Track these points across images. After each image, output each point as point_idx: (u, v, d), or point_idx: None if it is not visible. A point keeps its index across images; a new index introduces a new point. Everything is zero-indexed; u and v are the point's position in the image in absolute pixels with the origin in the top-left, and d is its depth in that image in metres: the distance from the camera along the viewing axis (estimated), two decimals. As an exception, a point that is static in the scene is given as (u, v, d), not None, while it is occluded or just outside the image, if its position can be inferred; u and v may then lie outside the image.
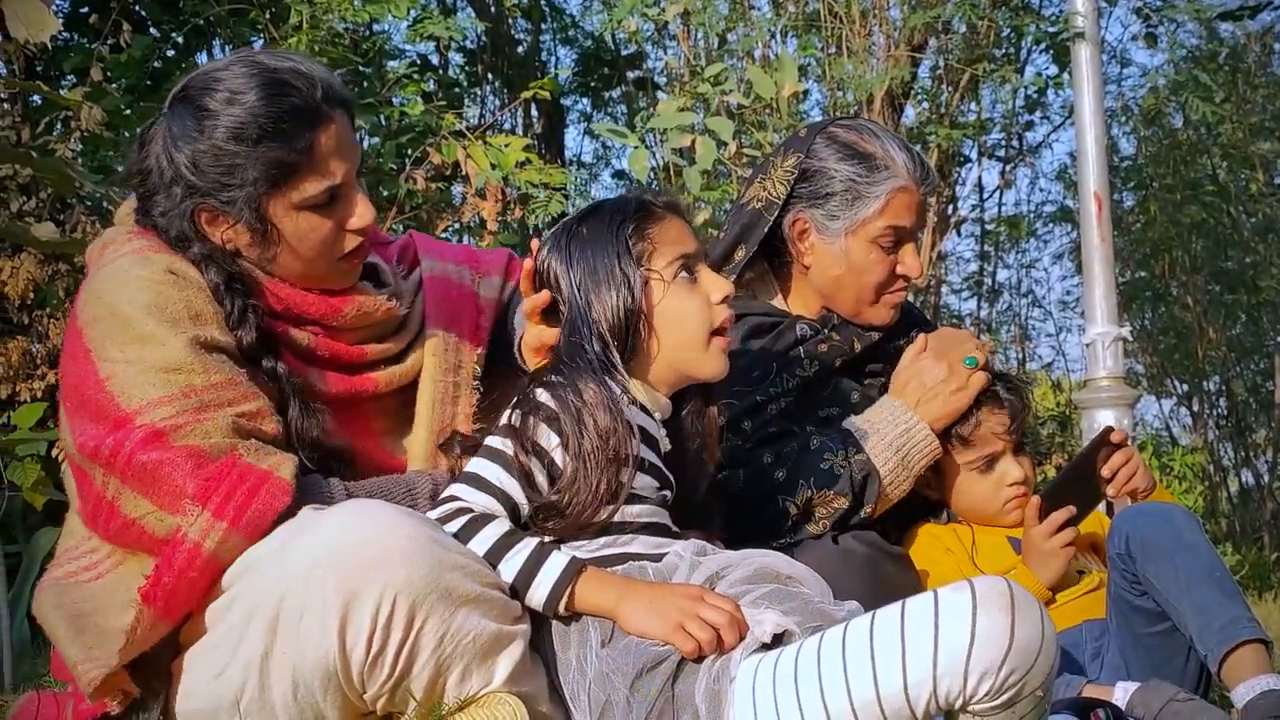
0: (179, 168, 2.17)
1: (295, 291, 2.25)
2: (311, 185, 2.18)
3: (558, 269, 2.22)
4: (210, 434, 2.05)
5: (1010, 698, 1.89)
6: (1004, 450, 2.80)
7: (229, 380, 2.11)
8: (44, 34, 3.60)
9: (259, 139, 2.13)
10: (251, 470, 2.04)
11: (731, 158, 5.91)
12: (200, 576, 2.02)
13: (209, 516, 2.01)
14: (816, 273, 2.84)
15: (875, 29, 6.74)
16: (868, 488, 2.65)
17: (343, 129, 2.21)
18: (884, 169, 2.76)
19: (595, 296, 2.18)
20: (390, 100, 6.27)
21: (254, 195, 2.16)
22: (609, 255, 2.19)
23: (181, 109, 2.19)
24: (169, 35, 6.46)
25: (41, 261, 5.23)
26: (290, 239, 2.21)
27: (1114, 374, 4.97)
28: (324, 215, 2.21)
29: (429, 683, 1.98)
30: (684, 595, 2.03)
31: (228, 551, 2.02)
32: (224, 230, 2.20)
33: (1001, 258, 9.51)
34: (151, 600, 2.01)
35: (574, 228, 2.24)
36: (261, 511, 2.02)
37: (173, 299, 2.12)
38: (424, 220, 6.12)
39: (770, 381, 2.75)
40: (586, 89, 9.18)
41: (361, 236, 2.26)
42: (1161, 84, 7.95)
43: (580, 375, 2.13)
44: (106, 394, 2.07)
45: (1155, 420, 9.05)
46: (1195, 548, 2.52)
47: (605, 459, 2.08)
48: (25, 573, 4.69)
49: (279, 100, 2.15)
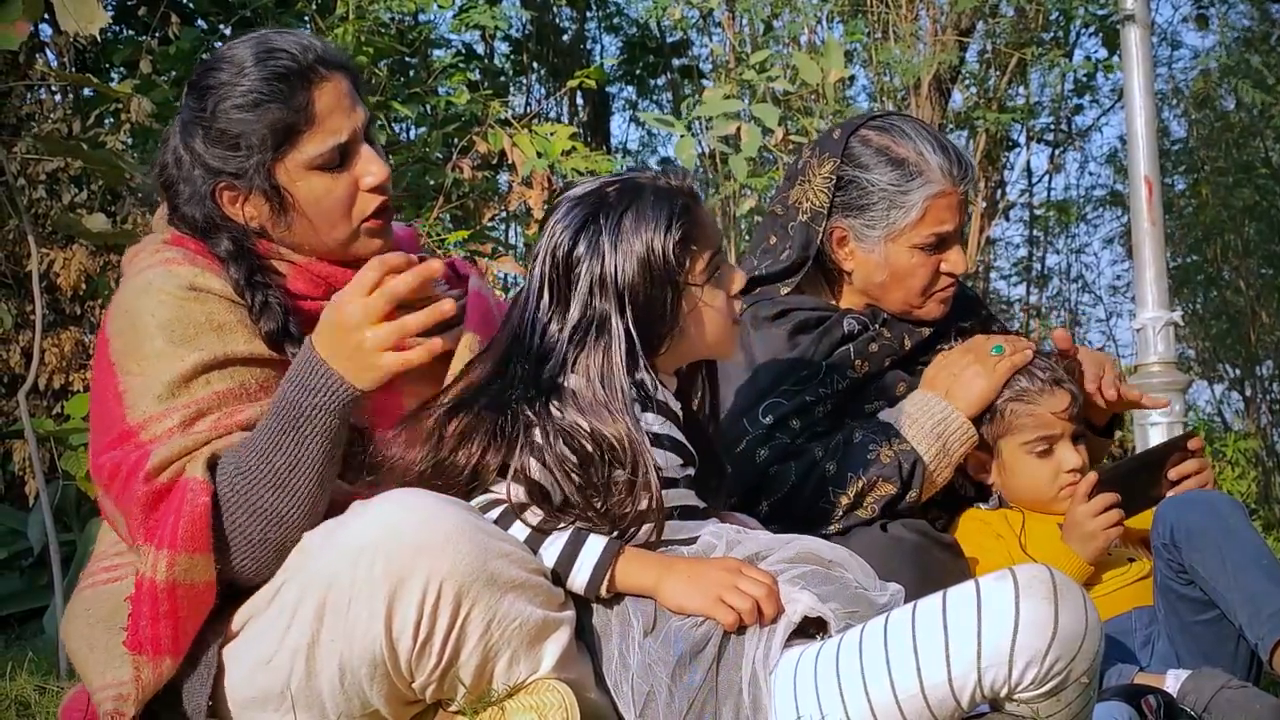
0: (194, 150, 2.21)
1: (333, 269, 2.26)
2: (316, 143, 2.20)
3: (581, 251, 2.10)
4: (170, 460, 2.05)
5: (1056, 685, 1.88)
6: (1062, 435, 2.76)
7: (229, 390, 2.12)
8: (93, 27, 3.63)
9: (258, 103, 2.17)
10: (185, 485, 2.04)
11: (778, 144, 5.89)
12: (171, 608, 2.03)
13: (153, 550, 2.03)
14: (860, 278, 2.82)
15: (922, 13, 6.70)
16: (915, 473, 2.64)
17: (343, 87, 2.22)
18: (918, 174, 2.71)
19: (636, 288, 2.08)
20: (436, 90, 6.29)
21: (262, 161, 2.18)
22: (658, 251, 2.09)
23: (189, 97, 2.24)
24: (216, 27, 6.50)
25: (93, 253, 5.29)
26: (306, 203, 2.22)
27: (1165, 359, 4.93)
28: (336, 174, 2.22)
29: (477, 670, 1.99)
30: (722, 568, 2.04)
31: (183, 571, 2.02)
32: (244, 206, 2.22)
33: (1051, 243, 9.45)
34: (139, 648, 2.04)
35: (615, 212, 2.10)
36: (190, 520, 2.02)
37: (194, 314, 2.14)
38: (470, 209, 6.13)
39: (819, 381, 2.73)
40: (632, 77, 9.18)
41: (381, 195, 2.26)
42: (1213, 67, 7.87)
43: (611, 399, 2.05)
44: (122, 406, 2.12)
45: (1207, 406, 8.97)
46: (1241, 535, 2.50)
47: (625, 498, 2.05)
48: (79, 561, 4.75)
49: (271, 65, 2.18)
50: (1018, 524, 2.77)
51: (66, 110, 5.82)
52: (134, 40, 6.10)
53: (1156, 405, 3.07)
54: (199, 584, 2.04)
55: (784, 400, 2.69)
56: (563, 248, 2.10)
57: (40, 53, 5.86)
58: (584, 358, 2.07)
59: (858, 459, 2.63)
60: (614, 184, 2.15)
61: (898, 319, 2.83)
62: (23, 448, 4.93)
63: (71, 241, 5.26)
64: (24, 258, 5.26)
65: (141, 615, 2.04)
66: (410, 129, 6.81)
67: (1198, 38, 11.79)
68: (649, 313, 2.09)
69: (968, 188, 2.77)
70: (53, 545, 3.74)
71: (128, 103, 5.11)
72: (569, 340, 2.08)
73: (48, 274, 5.21)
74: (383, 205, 2.27)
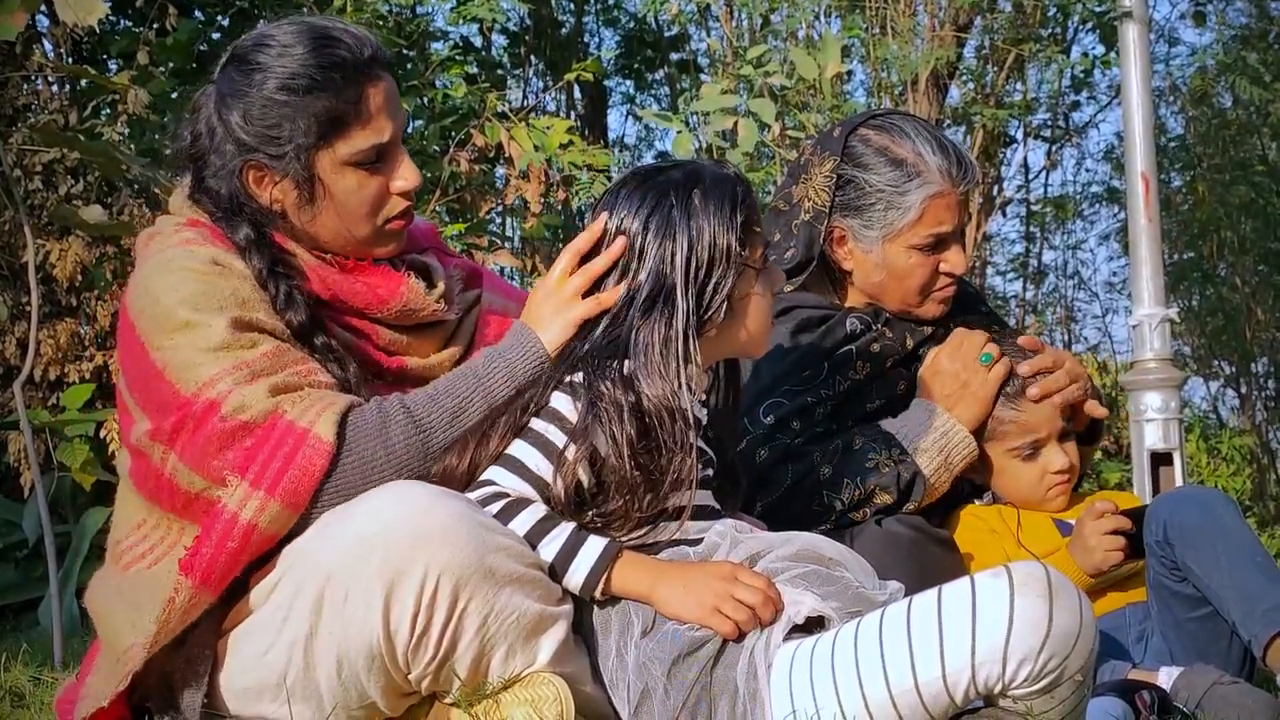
0: (230, 124, 2.18)
1: (343, 278, 2.25)
2: (360, 139, 2.19)
3: (653, 229, 2.13)
4: (254, 402, 2.05)
5: (1050, 682, 1.88)
6: (1048, 437, 2.77)
7: (276, 349, 2.11)
8: (92, 18, 3.63)
9: (309, 89, 2.15)
10: (291, 430, 2.04)
11: (774, 140, 5.89)
12: (240, 547, 2.03)
13: (246, 486, 2.03)
14: (859, 277, 2.82)
15: (920, 8, 6.69)
16: (914, 486, 2.64)
17: (391, 89, 2.22)
18: (917, 175, 2.70)
19: (702, 265, 2.11)
20: (434, 82, 6.28)
21: (303, 147, 2.17)
22: (724, 231, 2.12)
23: (231, 69, 2.21)
24: (214, 19, 6.49)
25: (89, 244, 5.29)
26: (337, 196, 2.21)
27: (1161, 355, 4.93)
28: (371, 173, 2.22)
29: (473, 663, 1.99)
30: (718, 576, 2.03)
31: (269, 520, 2.03)
32: (271, 189, 2.21)
33: (1047, 239, 9.44)
34: (190, 570, 2.04)
35: (684, 191, 2.14)
36: (299, 475, 2.03)
37: (219, 287, 2.12)
38: (468, 202, 6.13)
39: (821, 382, 2.73)
40: (629, 71, 9.17)
41: (407, 200, 2.26)
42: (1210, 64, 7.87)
43: (656, 380, 2.07)
44: (167, 382, 2.09)
45: (1202, 402, 8.97)
46: (1235, 532, 2.51)
47: (658, 483, 2.06)
48: (74, 551, 4.76)
49: (328, 53, 2.17)
50: (1012, 519, 2.77)
51: (63, 101, 5.81)
52: (131, 32, 6.08)
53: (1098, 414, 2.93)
54: (274, 534, 2.05)
55: (785, 400, 2.69)
56: (634, 226, 2.14)
57: (37, 43, 5.85)
58: (646, 331, 2.10)
59: (856, 466, 2.63)
60: (675, 168, 2.19)
61: (899, 318, 2.83)
62: (18, 439, 4.93)
63: (67, 233, 5.26)
64: (20, 249, 5.27)
65: (208, 541, 2.03)
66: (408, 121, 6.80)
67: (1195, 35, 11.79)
68: (707, 292, 2.12)
69: (968, 188, 2.76)
70: (48, 536, 3.73)
71: (125, 94, 5.12)
72: (640, 314, 2.11)
73: (44, 265, 5.21)
74: (407, 209, 2.27)
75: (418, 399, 2.14)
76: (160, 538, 2.15)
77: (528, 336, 2.19)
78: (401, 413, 2.11)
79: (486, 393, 2.16)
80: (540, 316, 2.20)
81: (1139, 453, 4.74)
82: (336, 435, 2.05)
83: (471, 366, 2.20)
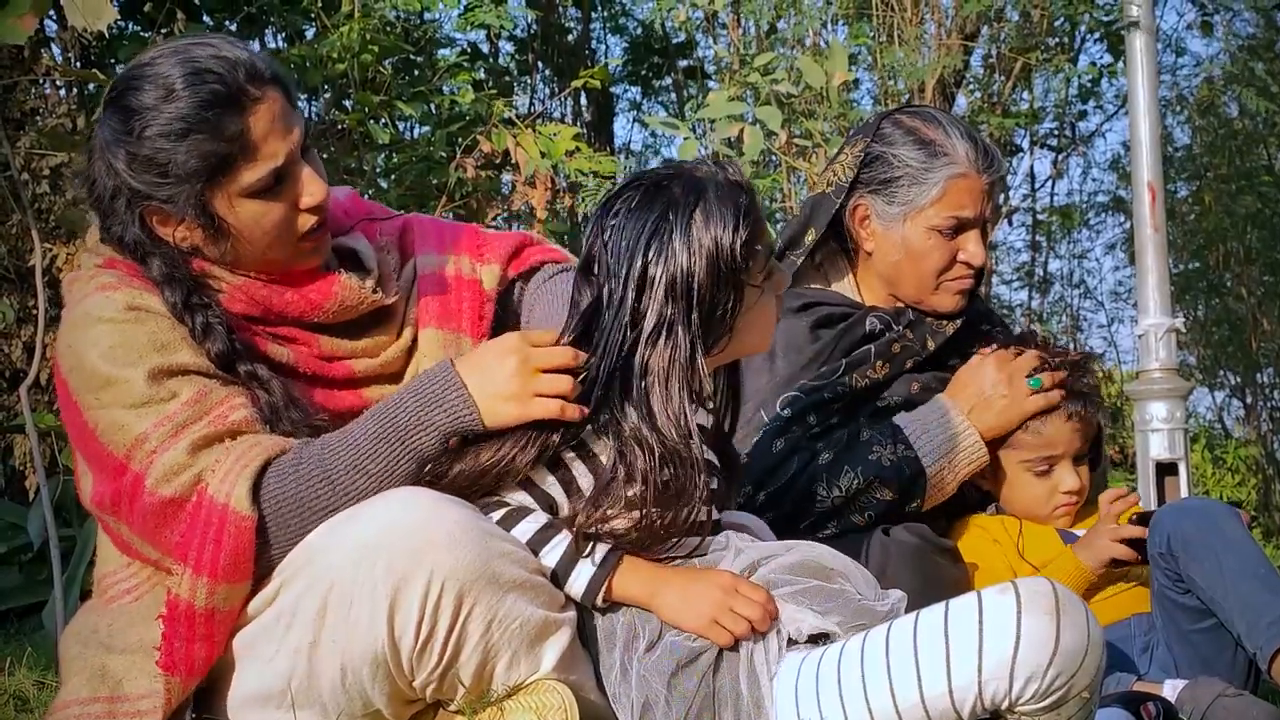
0: (117, 172, 2.10)
1: (271, 290, 2.19)
2: (250, 173, 2.09)
3: (653, 252, 2.03)
4: (176, 470, 2.02)
5: (1056, 700, 1.88)
6: (1064, 455, 2.76)
7: (197, 394, 2.07)
8: (101, 23, 3.62)
9: (185, 133, 2.05)
10: (213, 508, 2.00)
11: (781, 147, 5.89)
12: (208, 631, 2.03)
13: (190, 574, 2.01)
14: (878, 258, 2.83)
15: (927, 16, 6.70)
16: (916, 483, 2.64)
17: (276, 106, 2.10)
18: (942, 155, 2.74)
19: (704, 288, 2.03)
20: (441, 89, 6.29)
21: (194, 191, 2.08)
22: (726, 251, 2.03)
23: (109, 114, 2.11)
24: (222, 24, 6.50)
25: (96, 248, 5.28)
26: (241, 230, 2.13)
27: (1167, 365, 4.93)
28: (272, 199, 2.13)
29: (477, 669, 1.99)
30: (718, 586, 2.02)
31: (222, 599, 2.01)
32: (175, 229, 2.13)
33: (1053, 248, 9.45)
34: (173, 669, 2.03)
35: (684, 210, 2.03)
36: (232, 553, 2.00)
37: (135, 337, 2.07)
38: (474, 208, 6.13)
39: (838, 380, 2.73)
40: (636, 78, 9.19)
41: (318, 215, 2.17)
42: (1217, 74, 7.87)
43: (670, 399, 2.02)
44: (99, 444, 2.07)
45: (1208, 413, 8.97)
46: (1239, 543, 2.50)
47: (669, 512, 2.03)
48: (79, 555, 4.75)
49: (201, 90, 2.05)
50: (1015, 530, 2.77)
51: (71, 105, 5.82)
52: (140, 36, 6.10)
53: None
54: (234, 605, 2.04)
55: (802, 395, 2.70)
56: (634, 249, 2.04)
57: (46, 47, 5.86)
58: (654, 358, 2.02)
59: (857, 456, 2.64)
60: (676, 178, 2.08)
61: (920, 318, 2.83)
62: (24, 442, 4.93)
63: (75, 237, 5.26)
64: (27, 252, 5.27)
65: (177, 637, 2.03)
66: (414, 127, 6.81)
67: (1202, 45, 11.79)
68: (712, 314, 2.05)
69: (993, 178, 2.78)
70: (53, 540, 3.73)
71: (132, 99, 5.11)
72: (644, 342, 2.03)
73: (50, 269, 5.21)
74: (319, 222, 2.19)
75: (337, 453, 2.05)
76: (147, 576, 2.15)
77: (465, 404, 2.05)
78: (313, 451, 2.05)
79: (415, 453, 2.06)
80: (494, 383, 2.04)
81: (1144, 462, 4.74)
82: (253, 503, 2.00)
83: (396, 425, 2.05)
